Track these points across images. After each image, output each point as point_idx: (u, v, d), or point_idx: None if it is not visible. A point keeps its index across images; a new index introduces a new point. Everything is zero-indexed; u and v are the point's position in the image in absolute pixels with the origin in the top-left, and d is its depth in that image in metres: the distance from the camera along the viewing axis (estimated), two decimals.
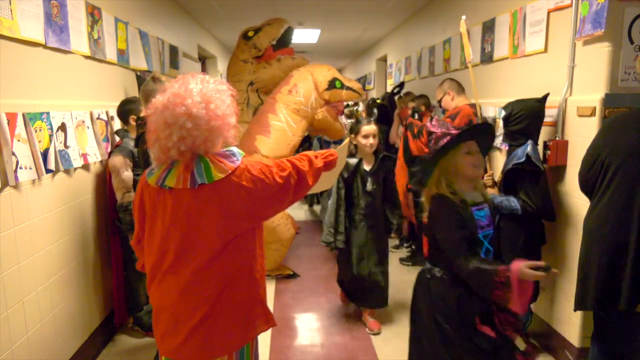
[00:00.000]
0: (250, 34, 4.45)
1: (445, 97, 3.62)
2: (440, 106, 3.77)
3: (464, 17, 3.16)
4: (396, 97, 5.53)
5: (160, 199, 1.53)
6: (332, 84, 3.99)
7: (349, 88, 4.05)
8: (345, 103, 8.71)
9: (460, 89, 3.64)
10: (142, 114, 2.90)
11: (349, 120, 6.63)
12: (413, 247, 4.78)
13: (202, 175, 1.46)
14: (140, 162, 2.71)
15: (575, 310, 2.02)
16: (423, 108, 4.24)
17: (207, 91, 1.49)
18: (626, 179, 1.81)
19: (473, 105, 3.47)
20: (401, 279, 4.05)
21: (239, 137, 1.76)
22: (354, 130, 3.12)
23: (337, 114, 4.33)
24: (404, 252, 4.73)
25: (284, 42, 4.48)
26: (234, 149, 1.56)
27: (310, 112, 3.95)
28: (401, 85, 5.70)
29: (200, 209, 1.47)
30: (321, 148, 4.72)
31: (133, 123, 2.99)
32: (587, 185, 2.01)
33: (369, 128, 3.00)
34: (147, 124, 1.52)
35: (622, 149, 1.84)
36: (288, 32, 4.51)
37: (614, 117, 2.09)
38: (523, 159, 2.53)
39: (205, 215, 1.47)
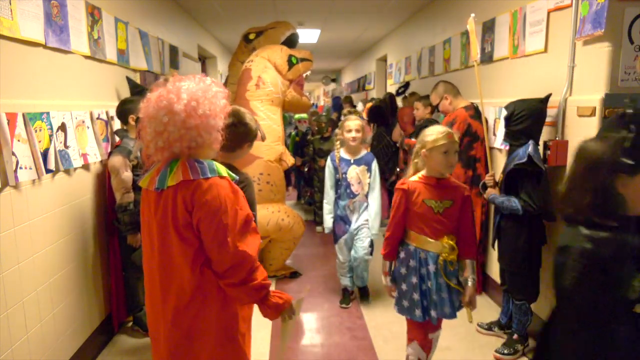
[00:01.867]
0: (252, 36, 4.41)
1: (443, 102, 3.63)
2: (438, 110, 3.77)
3: (472, 15, 3.15)
4: (401, 97, 5.54)
5: (145, 199, 1.56)
6: (290, 63, 3.95)
7: (302, 59, 4.04)
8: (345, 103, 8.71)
9: (456, 90, 3.63)
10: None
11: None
12: None
13: (161, 181, 1.46)
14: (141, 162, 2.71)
15: None
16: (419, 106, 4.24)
17: (196, 90, 1.47)
18: None
19: (467, 108, 3.47)
20: None
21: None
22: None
23: (301, 88, 4.31)
24: None
25: None
26: (210, 164, 1.48)
27: (282, 98, 3.95)
28: (406, 85, 5.69)
29: (161, 215, 1.47)
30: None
31: (132, 123, 2.99)
32: None
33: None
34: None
35: None
36: (291, 39, 4.43)
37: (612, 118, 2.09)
38: (525, 159, 2.53)
39: (166, 222, 1.46)
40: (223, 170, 1.50)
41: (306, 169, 6.02)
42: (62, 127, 2.49)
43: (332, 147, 5.24)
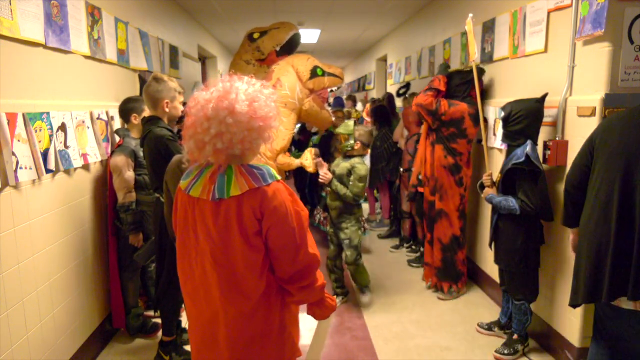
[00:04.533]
0: (256, 35, 4.41)
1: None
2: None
3: (470, 15, 3.16)
4: (402, 98, 5.53)
5: (190, 206, 1.51)
6: (314, 73, 3.94)
7: (330, 74, 4.02)
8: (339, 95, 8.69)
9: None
10: (144, 114, 2.90)
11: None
12: (413, 246, 4.77)
13: (221, 190, 1.42)
14: (145, 161, 2.70)
15: (569, 305, 2.04)
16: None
17: (252, 91, 1.46)
18: (607, 176, 1.87)
19: (470, 106, 3.47)
20: (402, 278, 4.05)
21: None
22: None
23: (322, 102, 4.26)
24: (403, 253, 4.73)
25: (288, 48, 4.39)
26: (267, 169, 1.48)
27: (298, 104, 3.94)
28: (407, 85, 5.68)
29: (222, 224, 1.44)
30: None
31: (135, 122, 2.99)
32: (572, 177, 2.09)
33: None
34: (185, 118, 1.49)
35: (606, 147, 1.90)
36: (294, 39, 4.44)
37: (610, 117, 2.13)
38: (522, 159, 2.53)
39: (230, 231, 1.43)
40: (277, 174, 1.51)
41: (324, 193, 4.55)
42: (62, 127, 2.49)
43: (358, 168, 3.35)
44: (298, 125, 6.52)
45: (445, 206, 3.60)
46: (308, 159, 3.92)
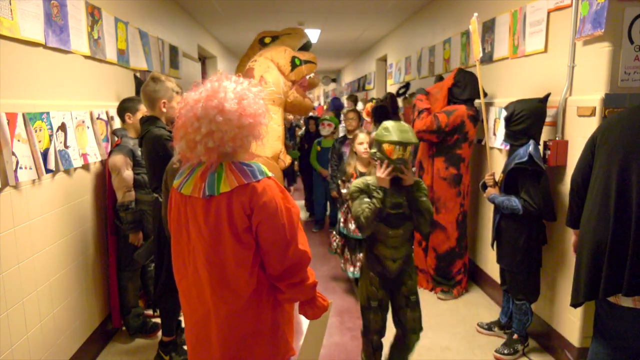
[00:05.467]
0: (267, 40, 4.41)
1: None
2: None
3: (476, 14, 3.17)
4: (402, 98, 5.52)
5: (182, 204, 1.52)
6: (294, 64, 3.95)
7: (306, 61, 4.05)
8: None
9: None
10: (140, 114, 2.90)
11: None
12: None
13: (211, 187, 1.43)
14: (144, 161, 2.70)
15: (571, 304, 2.04)
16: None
17: (240, 89, 1.47)
18: (605, 175, 1.88)
19: (469, 107, 3.48)
20: None
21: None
22: None
23: (303, 90, 4.31)
24: None
25: None
26: (257, 166, 1.48)
27: (284, 98, 3.93)
28: (407, 85, 5.69)
29: (213, 222, 1.44)
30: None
31: (129, 121, 3.00)
32: (577, 177, 2.09)
33: None
34: (176, 119, 1.50)
35: (606, 146, 1.91)
36: (306, 46, 4.47)
37: (611, 116, 2.14)
38: (525, 159, 2.53)
39: (220, 228, 1.44)
40: (268, 171, 1.51)
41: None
42: (62, 127, 2.49)
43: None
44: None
45: (443, 219, 3.60)
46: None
